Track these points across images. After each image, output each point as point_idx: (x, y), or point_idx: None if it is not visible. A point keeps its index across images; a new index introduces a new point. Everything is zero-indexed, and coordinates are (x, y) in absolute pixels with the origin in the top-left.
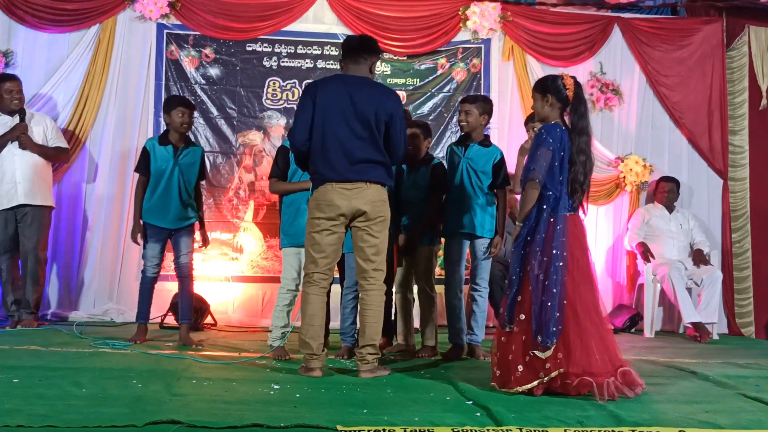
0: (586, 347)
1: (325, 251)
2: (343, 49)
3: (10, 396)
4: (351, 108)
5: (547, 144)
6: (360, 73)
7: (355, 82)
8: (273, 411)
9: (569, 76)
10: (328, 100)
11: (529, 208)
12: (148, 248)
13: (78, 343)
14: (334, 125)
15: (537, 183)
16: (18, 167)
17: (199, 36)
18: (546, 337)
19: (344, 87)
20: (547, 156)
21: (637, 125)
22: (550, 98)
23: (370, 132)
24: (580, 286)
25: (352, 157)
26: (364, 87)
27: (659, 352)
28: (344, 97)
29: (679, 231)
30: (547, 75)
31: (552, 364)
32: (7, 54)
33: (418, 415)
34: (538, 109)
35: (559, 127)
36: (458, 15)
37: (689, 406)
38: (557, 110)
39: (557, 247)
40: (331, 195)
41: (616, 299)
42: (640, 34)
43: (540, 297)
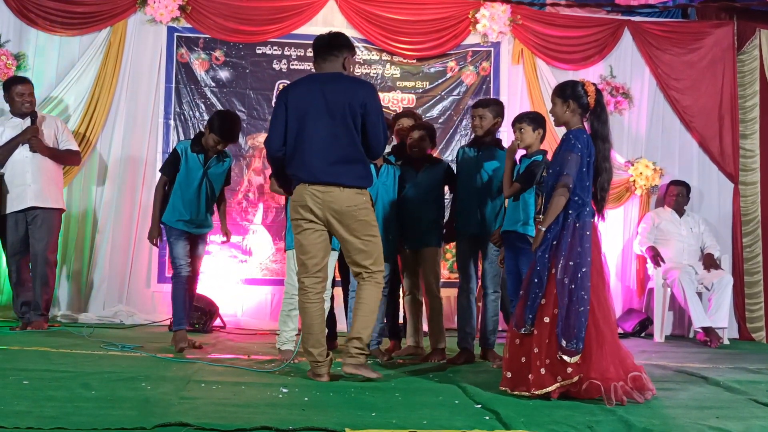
0: (601, 352)
1: (310, 252)
2: (314, 48)
3: (20, 398)
4: (323, 105)
5: (576, 149)
6: (332, 70)
7: (325, 79)
8: (281, 414)
9: (590, 83)
10: (299, 101)
11: (557, 213)
12: (176, 249)
13: (87, 346)
14: (307, 125)
15: (568, 189)
16: (29, 170)
17: (209, 39)
18: (576, 341)
19: (315, 85)
20: (577, 161)
21: (647, 129)
22: (571, 104)
23: (344, 128)
24: (599, 292)
25: (327, 157)
26: (334, 82)
27: (669, 357)
28: (315, 94)
29: (690, 235)
30: (567, 80)
31: (573, 369)
32: (18, 57)
33: (426, 418)
34: (559, 114)
35: (586, 132)
36: (468, 18)
37: (700, 411)
38: (577, 116)
39: (584, 253)
40: (305, 196)
41: (626, 303)
42: (650, 38)
43: (566, 302)
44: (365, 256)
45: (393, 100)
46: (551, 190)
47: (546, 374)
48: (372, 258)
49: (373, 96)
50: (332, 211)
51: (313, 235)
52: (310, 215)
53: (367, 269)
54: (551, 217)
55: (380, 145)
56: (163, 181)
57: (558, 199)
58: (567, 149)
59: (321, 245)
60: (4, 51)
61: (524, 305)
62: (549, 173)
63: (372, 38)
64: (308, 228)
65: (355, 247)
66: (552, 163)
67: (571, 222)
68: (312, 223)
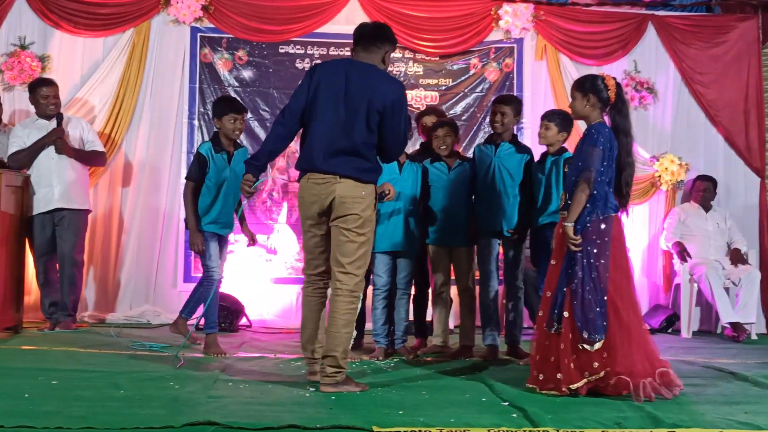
0: (629, 347)
1: (312, 253)
2: (356, 36)
3: (49, 398)
4: (343, 92)
5: (598, 144)
6: (370, 61)
7: (357, 68)
8: (309, 412)
9: (610, 77)
10: (323, 81)
11: (581, 208)
12: (211, 252)
13: (115, 345)
14: (321, 109)
15: (590, 184)
16: (55, 171)
17: (233, 39)
18: (593, 331)
19: (344, 69)
20: (600, 156)
21: (672, 124)
22: (592, 98)
23: (355, 122)
24: (622, 287)
25: (331, 146)
26: (364, 73)
27: (697, 353)
28: (340, 79)
29: (716, 230)
30: (587, 75)
31: (600, 363)
32: (43, 59)
33: (453, 416)
34: (579, 108)
35: (607, 126)
36: (490, 15)
37: (728, 407)
38: (597, 110)
39: (603, 246)
40: (305, 190)
41: (652, 299)
42: (674, 32)
43: (582, 294)
44: (344, 253)
45: (416, 98)
46: (574, 186)
47: (573, 370)
48: (350, 258)
49: (399, 97)
50: (328, 200)
51: (313, 240)
52: (313, 212)
53: (341, 267)
54: (575, 212)
55: (397, 147)
56: (191, 186)
57: (581, 194)
58: (590, 144)
59: (322, 248)
60: (29, 53)
61: (550, 304)
62: (571, 168)
63: None
64: (308, 230)
65: (339, 240)
66: (574, 158)
67: (594, 217)
68: (311, 223)
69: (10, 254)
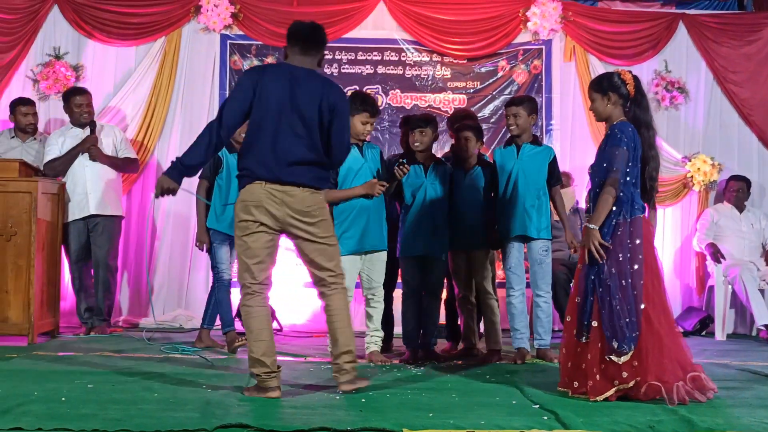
0: (660, 354)
1: (259, 256)
2: (294, 37)
3: (86, 401)
4: (291, 102)
5: (623, 144)
6: (308, 65)
7: (300, 75)
8: (339, 415)
9: (626, 71)
10: (269, 91)
11: (607, 211)
12: (219, 253)
13: (149, 349)
14: (271, 119)
15: (617, 186)
16: (88, 178)
17: (262, 45)
18: (623, 342)
19: (288, 79)
20: (625, 156)
21: (704, 123)
22: (612, 96)
23: (309, 130)
24: (652, 290)
25: (288, 156)
26: (308, 79)
27: (732, 356)
28: (287, 89)
29: (750, 231)
30: (602, 73)
31: (629, 373)
32: (77, 68)
33: (484, 418)
34: (600, 109)
35: (630, 125)
36: (518, 16)
37: (764, 410)
38: (619, 107)
39: (633, 250)
40: (260, 196)
41: (686, 302)
42: (706, 31)
43: (610, 302)
44: (327, 257)
45: (444, 101)
46: (599, 188)
47: (601, 380)
48: (334, 260)
49: (343, 99)
50: (292, 211)
51: (264, 238)
52: (264, 217)
53: (331, 272)
54: (602, 215)
55: (343, 150)
56: (205, 185)
57: (607, 197)
58: (614, 144)
59: (270, 250)
60: (63, 63)
61: (579, 312)
62: (594, 170)
63: (422, 39)
64: (259, 231)
65: (315, 248)
66: (597, 159)
67: (621, 220)
68: (264, 226)
69: (46, 260)
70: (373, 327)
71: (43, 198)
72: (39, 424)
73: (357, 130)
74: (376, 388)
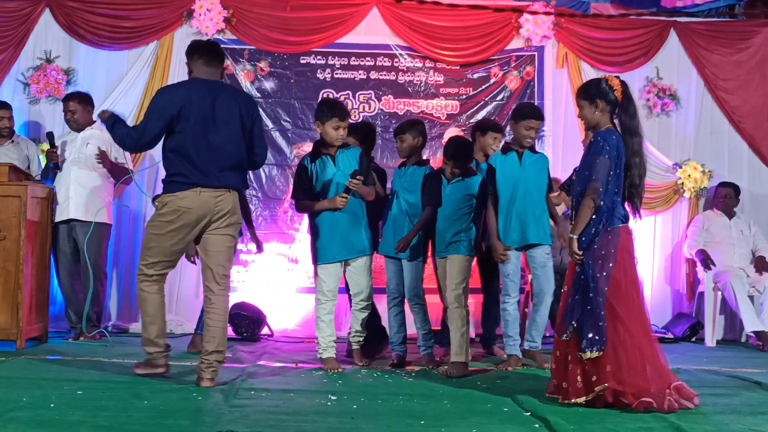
0: (636, 363)
1: (170, 256)
2: (199, 52)
3: (75, 408)
4: (216, 113)
5: (605, 152)
6: (215, 77)
7: (216, 87)
8: (331, 422)
9: (614, 77)
10: (189, 104)
11: (587, 220)
12: None
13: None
14: (200, 130)
15: (596, 195)
16: (72, 182)
17: (254, 50)
18: (589, 343)
19: (207, 92)
20: (607, 165)
21: (695, 130)
22: (600, 103)
23: (235, 136)
24: (630, 300)
25: (220, 163)
26: (225, 91)
27: (721, 362)
28: (208, 101)
29: (740, 237)
30: (589, 80)
31: (597, 377)
32: (68, 72)
33: (475, 426)
34: (588, 117)
35: (615, 133)
36: (511, 23)
37: (754, 417)
38: (607, 114)
39: (606, 259)
40: (193, 199)
41: (676, 308)
42: (697, 38)
43: (584, 305)
44: (225, 257)
45: (437, 107)
46: (580, 196)
47: (582, 383)
48: (231, 261)
49: (257, 107)
50: (218, 213)
51: (182, 239)
52: (191, 219)
53: (226, 271)
54: (582, 223)
55: (265, 153)
56: None
57: (587, 204)
58: (596, 152)
59: (182, 249)
60: (55, 66)
61: (563, 312)
62: (577, 178)
63: (415, 45)
64: (180, 233)
65: (224, 246)
66: (580, 167)
67: (601, 228)
68: (185, 228)
69: (35, 265)
70: (356, 328)
71: (32, 202)
72: (27, 430)
73: (331, 137)
74: (367, 395)
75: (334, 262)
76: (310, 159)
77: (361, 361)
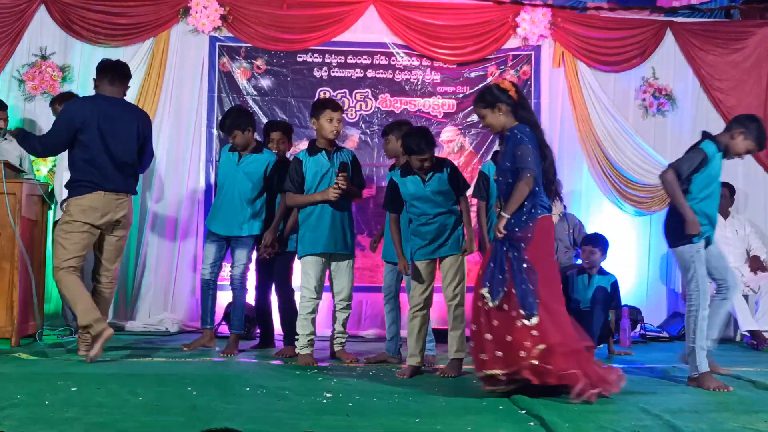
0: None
1: (82, 253)
2: (101, 70)
3: (70, 404)
4: (115, 127)
5: (525, 142)
6: (118, 95)
7: (119, 103)
8: (326, 420)
9: (502, 80)
10: (97, 118)
11: (522, 201)
12: (205, 251)
13: (134, 352)
14: (102, 142)
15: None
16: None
17: (251, 48)
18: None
19: (110, 107)
20: (531, 152)
21: (690, 130)
22: (501, 106)
23: (133, 147)
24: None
25: (123, 170)
26: (126, 107)
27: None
28: (113, 116)
29: (735, 237)
30: (481, 90)
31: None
32: (64, 69)
33: (471, 424)
34: (494, 122)
35: (526, 126)
36: (508, 22)
37: (748, 416)
38: (511, 115)
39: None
40: (99, 202)
41: (671, 307)
42: (693, 38)
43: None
44: (117, 255)
45: (434, 106)
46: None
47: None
48: (120, 258)
49: (150, 124)
50: (118, 215)
51: (89, 240)
52: (98, 220)
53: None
54: (516, 204)
55: (151, 159)
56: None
57: (523, 187)
58: (517, 143)
59: (88, 249)
60: (50, 63)
61: (492, 280)
62: (502, 172)
63: (412, 44)
64: (87, 231)
65: (118, 247)
66: (501, 161)
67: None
68: (93, 228)
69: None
70: (339, 329)
71: (28, 199)
72: (22, 427)
73: (326, 130)
74: (363, 393)
75: (319, 254)
76: (308, 154)
77: (348, 359)
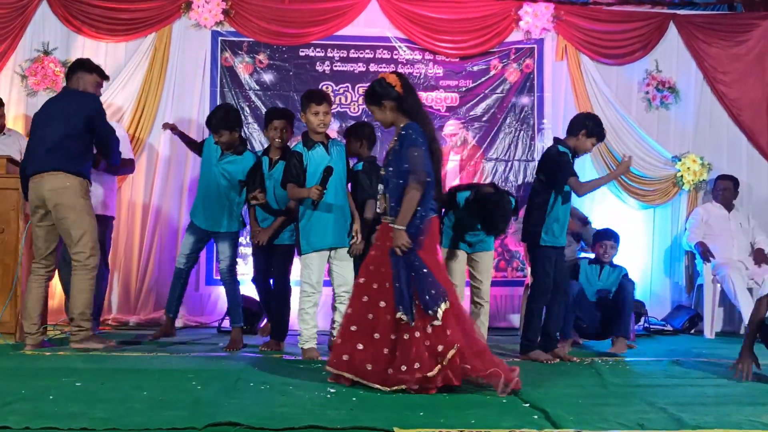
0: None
1: (36, 244)
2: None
3: (73, 399)
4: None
5: (419, 144)
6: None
7: (63, 93)
8: (330, 414)
9: (389, 74)
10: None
11: (414, 210)
12: (183, 239)
13: (137, 347)
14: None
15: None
16: None
17: (253, 42)
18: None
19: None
20: (423, 155)
21: (694, 123)
22: (387, 103)
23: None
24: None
25: (43, 151)
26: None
27: (720, 354)
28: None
29: (739, 230)
30: (370, 85)
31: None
32: (66, 64)
33: (474, 417)
34: (383, 119)
35: (416, 124)
36: (511, 15)
37: (753, 408)
38: (398, 111)
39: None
40: (27, 187)
41: (675, 300)
42: (696, 31)
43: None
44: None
45: (436, 100)
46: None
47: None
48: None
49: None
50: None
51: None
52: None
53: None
54: (408, 215)
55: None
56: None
57: (414, 195)
58: (411, 145)
59: (44, 238)
60: (52, 59)
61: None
62: (391, 171)
63: (414, 38)
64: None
65: (65, 230)
66: (392, 160)
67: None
68: (37, 217)
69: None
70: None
71: None
72: (26, 423)
73: (313, 124)
74: (366, 387)
75: (323, 250)
76: (307, 148)
77: None
